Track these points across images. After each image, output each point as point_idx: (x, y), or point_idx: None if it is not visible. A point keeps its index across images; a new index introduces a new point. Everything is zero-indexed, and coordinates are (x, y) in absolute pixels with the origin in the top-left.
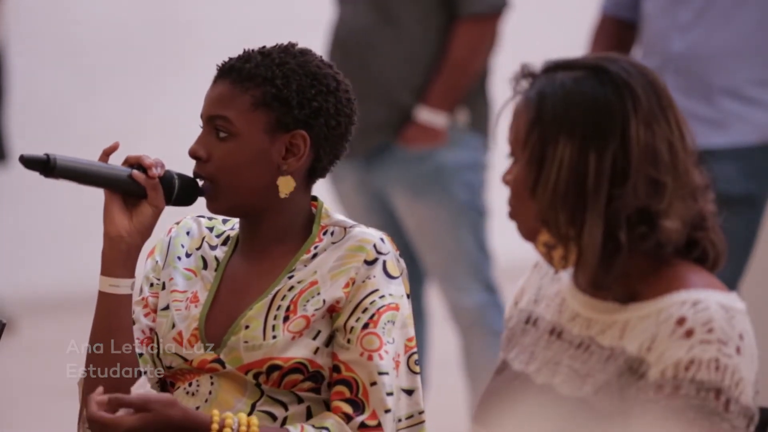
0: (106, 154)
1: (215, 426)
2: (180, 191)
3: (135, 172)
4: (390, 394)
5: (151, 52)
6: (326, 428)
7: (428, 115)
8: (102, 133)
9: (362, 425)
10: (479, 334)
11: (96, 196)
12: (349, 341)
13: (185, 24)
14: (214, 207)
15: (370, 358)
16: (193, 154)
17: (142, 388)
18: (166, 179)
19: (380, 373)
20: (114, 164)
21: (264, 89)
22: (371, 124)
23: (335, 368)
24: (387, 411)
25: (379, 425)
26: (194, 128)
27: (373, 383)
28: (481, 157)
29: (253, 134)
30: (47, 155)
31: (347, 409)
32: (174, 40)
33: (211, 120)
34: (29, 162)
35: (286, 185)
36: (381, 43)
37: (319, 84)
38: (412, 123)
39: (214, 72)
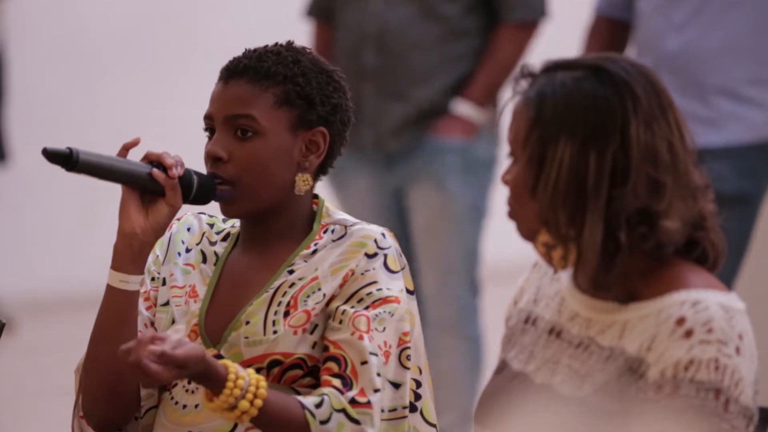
0: (126, 148)
1: (230, 384)
2: (198, 191)
3: (155, 170)
4: (379, 375)
5: (151, 52)
6: (325, 394)
7: (466, 109)
8: (102, 133)
9: (353, 401)
10: (455, 335)
11: (96, 197)
12: (341, 322)
13: (186, 23)
14: (233, 210)
15: (360, 338)
16: (213, 155)
17: (178, 334)
18: (185, 178)
19: (371, 353)
20: (134, 161)
21: (285, 87)
22: (403, 120)
23: (324, 348)
24: (376, 390)
25: (368, 402)
26: (195, 128)
27: (364, 362)
28: (496, 157)
29: (277, 133)
30: (70, 149)
31: (337, 383)
32: (175, 40)
33: (231, 120)
34: (52, 155)
35: (303, 183)
36: (423, 39)
37: (332, 81)
38: (449, 115)
39: (214, 70)
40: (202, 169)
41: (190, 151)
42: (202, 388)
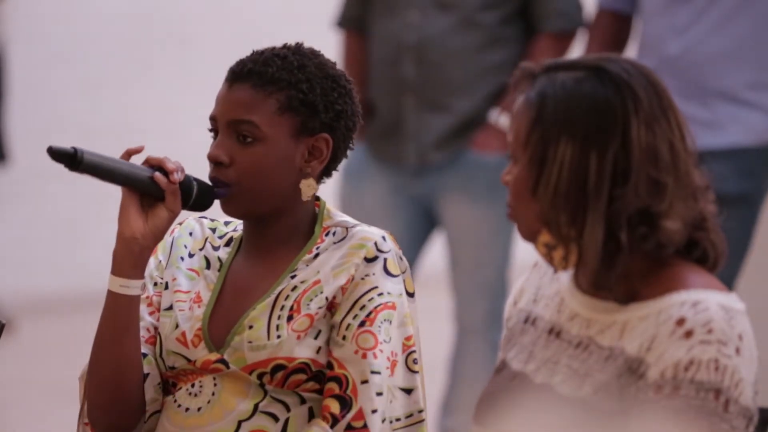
0: (129, 154)
1: None
2: (197, 197)
3: (157, 174)
4: (379, 394)
5: (151, 52)
6: None
7: (504, 120)
8: (102, 133)
9: (348, 427)
10: (481, 339)
11: (96, 197)
12: (344, 338)
13: (186, 23)
14: (232, 210)
15: (364, 356)
16: (214, 159)
17: None
18: (185, 184)
19: (372, 372)
20: (136, 164)
21: (289, 93)
22: (446, 132)
23: (329, 365)
24: (374, 411)
25: (365, 426)
26: (195, 128)
27: (364, 381)
28: None
29: (279, 139)
30: (75, 149)
31: (335, 408)
32: (174, 40)
33: (233, 125)
34: (57, 154)
35: (309, 188)
36: (462, 49)
37: (338, 86)
38: (487, 126)
39: (214, 72)
40: (204, 172)
41: (191, 152)
42: (206, 391)
